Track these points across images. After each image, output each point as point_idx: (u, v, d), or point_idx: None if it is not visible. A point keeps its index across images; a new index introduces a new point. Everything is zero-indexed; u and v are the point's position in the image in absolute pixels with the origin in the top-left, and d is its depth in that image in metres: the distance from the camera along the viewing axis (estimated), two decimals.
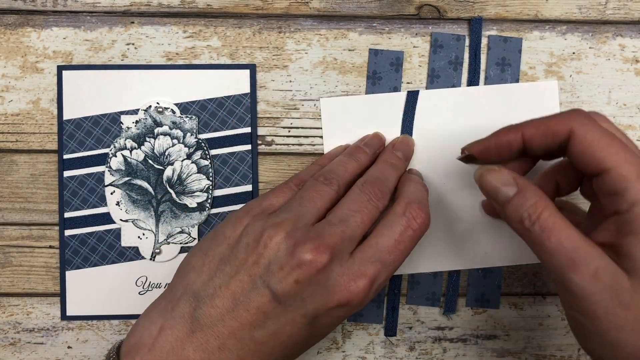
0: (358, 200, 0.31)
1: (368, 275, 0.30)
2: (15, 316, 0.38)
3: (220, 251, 0.31)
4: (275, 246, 0.29)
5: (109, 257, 0.37)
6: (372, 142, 0.36)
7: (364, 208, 0.31)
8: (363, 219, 0.31)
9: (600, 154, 0.28)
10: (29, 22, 0.37)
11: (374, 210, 0.31)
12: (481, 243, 0.38)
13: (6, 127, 0.37)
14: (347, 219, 0.30)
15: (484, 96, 0.37)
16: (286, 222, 0.30)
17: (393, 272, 0.31)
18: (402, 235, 0.31)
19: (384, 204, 0.32)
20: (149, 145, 0.37)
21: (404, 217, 0.31)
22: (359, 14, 0.38)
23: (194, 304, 0.30)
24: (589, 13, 0.38)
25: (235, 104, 0.37)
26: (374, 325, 0.38)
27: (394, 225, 0.31)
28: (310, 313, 0.29)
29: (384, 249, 0.30)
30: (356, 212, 0.31)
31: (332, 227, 0.30)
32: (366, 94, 0.38)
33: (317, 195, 0.32)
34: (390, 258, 0.30)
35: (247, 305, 0.29)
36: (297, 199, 0.32)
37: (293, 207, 0.31)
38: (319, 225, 0.30)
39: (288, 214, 0.30)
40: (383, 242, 0.31)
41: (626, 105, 0.38)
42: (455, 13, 0.37)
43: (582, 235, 0.27)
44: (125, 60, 0.37)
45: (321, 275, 0.29)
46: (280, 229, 0.30)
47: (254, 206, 0.32)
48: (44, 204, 0.38)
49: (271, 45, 0.37)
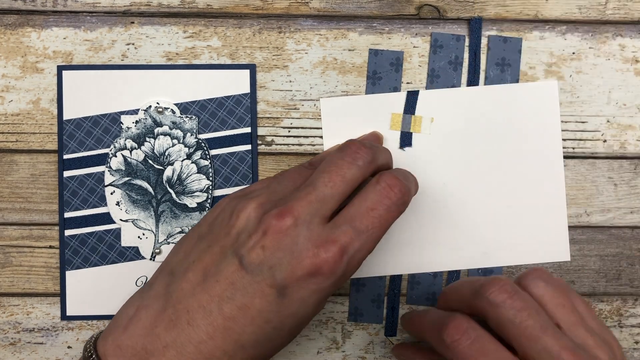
0: (330, 160, 0.30)
1: (338, 242, 0.28)
2: (15, 316, 0.38)
3: (198, 231, 0.31)
4: (245, 217, 0.29)
5: (109, 257, 0.37)
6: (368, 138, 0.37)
7: (333, 166, 0.29)
8: (331, 177, 0.29)
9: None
10: (29, 22, 0.37)
11: (346, 166, 0.29)
12: (481, 243, 0.38)
13: (6, 127, 0.37)
14: (314, 181, 0.29)
15: (483, 96, 0.37)
16: (259, 197, 0.30)
17: (370, 245, 0.29)
18: (376, 203, 0.29)
19: (364, 160, 0.30)
20: (149, 145, 0.37)
21: (378, 185, 0.29)
22: (359, 14, 0.38)
23: (169, 280, 0.29)
24: (589, 13, 0.38)
25: (235, 104, 0.37)
26: (374, 325, 0.38)
27: (367, 192, 0.29)
28: (279, 282, 0.28)
29: (355, 215, 0.29)
30: (325, 172, 0.29)
31: (300, 192, 0.29)
32: (366, 94, 0.38)
33: (298, 175, 0.31)
34: (363, 225, 0.28)
35: (217, 276, 0.28)
36: (278, 178, 0.32)
37: (271, 185, 0.31)
38: (289, 194, 0.30)
39: (263, 191, 0.30)
40: (354, 209, 0.29)
41: (626, 105, 0.38)
42: (455, 13, 0.37)
43: None
44: (125, 60, 0.37)
45: (287, 239, 0.28)
46: (252, 202, 0.29)
47: (236, 192, 0.32)
48: (44, 204, 0.38)
49: (271, 45, 0.37)
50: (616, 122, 0.38)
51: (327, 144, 0.38)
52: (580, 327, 0.28)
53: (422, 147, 0.38)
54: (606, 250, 0.38)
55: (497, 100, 0.37)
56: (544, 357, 0.27)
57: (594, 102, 0.38)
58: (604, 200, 0.38)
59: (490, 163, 0.38)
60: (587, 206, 0.38)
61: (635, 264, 0.38)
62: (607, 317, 0.39)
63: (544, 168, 0.38)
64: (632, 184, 0.38)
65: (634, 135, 0.38)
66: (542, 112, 0.38)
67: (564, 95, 0.38)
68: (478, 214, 0.38)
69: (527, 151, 0.38)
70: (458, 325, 0.28)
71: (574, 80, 0.38)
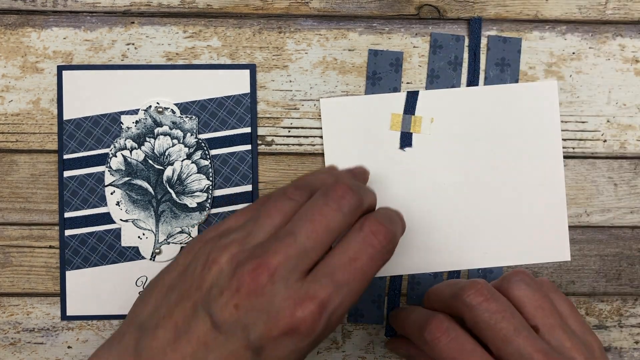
0: (313, 204, 0.27)
1: (317, 299, 0.25)
2: (15, 316, 0.38)
3: (170, 279, 0.29)
4: (217, 269, 0.26)
5: (109, 257, 0.37)
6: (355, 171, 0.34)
7: (317, 214, 0.26)
8: (315, 227, 0.26)
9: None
10: (29, 22, 0.37)
11: (331, 214, 0.27)
12: (481, 243, 0.38)
13: (6, 127, 0.37)
14: (296, 230, 0.26)
15: (483, 96, 0.37)
16: (233, 243, 0.27)
17: (352, 299, 0.26)
18: (358, 253, 0.26)
19: (350, 207, 0.27)
20: (149, 145, 0.37)
21: (361, 232, 0.27)
22: (359, 14, 0.38)
23: (138, 335, 0.27)
24: (589, 13, 0.38)
25: (235, 104, 0.37)
26: (374, 325, 0.38)
27: (349, 241, 0.27)
28: (254, 343, 0.25)
29: (336, 266, 0.26)
30: (308, 220, 0.26)
31: (278, 242, 0.26)
32: (366, 94, 0.38)
33: (276, 210, 0.28)
34: (344, 278, 0.26)
35: (188, 335, 0.26)
36: (254, 218, 0.28)
37: (247, 226, 0.28)
38: (266, 241, 0.27)
39: (237, 234, 0.27)
40: (335, 259, 0.26)
41: (626, 105, 0.38)
42: (455, 13, 0.37)
43: None
44: (125, 60, 0.37)
45: (262, 298, 0.25)
46: (225, 251, 0.27)
47: (210, 231, 0.29)
48: (44, 204, 0.38)
49: (271, 45, 0.37)
50: (616, 122, 0.38)
51: (327, 144, 0.38)
52: (558, 329, 0.29)
53: (422, 148, 0.38)
54: (606, 250, 0.38)
55: (497, 100, 0.37)
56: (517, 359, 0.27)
57: (594, 102, 0.38)
58: (604, 200, 0.38)
59: (490, 163, 0.38)
60: (587, 206, 0.38)
61: (635, 264, 0.38)
62: (607, 317, 0.39)
63: (544, 168, 0.38)
64: (632, 184, 0.38)
65: (634, 135, 0.38)
66: (541, 112, 0.38)
67: (564, 95, 0.38)
68: (478, 214, 0.38)
69: (527, 151, 0.38)
70: (439, 324, 0.29)
71: (574, 80, 0.38)
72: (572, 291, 0.38)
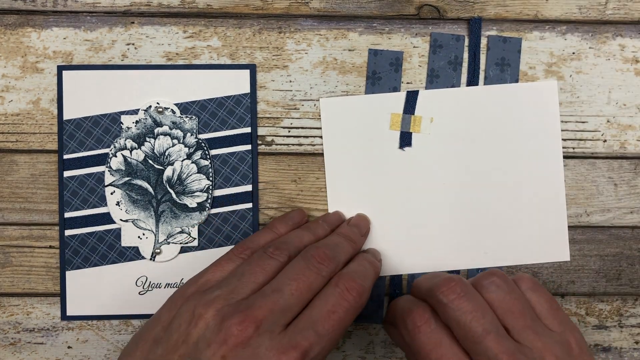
0: (296, 267, 0.31)
1: (300, 347, 0.28)
2: (15, 316, 0.38)
3: (154, 334, 0.30)
4: (203, 324, 0.28)
5: (109, 257, 0.37)
6: (331, 219, 0.36)
7: (301, 275, 0.30)
8: (299, 286, 0.29)
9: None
10: (29, 22, 0.37)
11: (313, 277, 0.30)
12: (481, 243, 0.38)
13: (6, 127, 0.37)
14: (281, 287, 0.29)
15: (483, 96, 0.37)
16: (217, 299, 0.29)
17: (331, 346, 0.29)
18: (335, 306, 0.29)
19: (328, 269, 0.31)
20: (149, 145, 0.37)
21: (337, 288, 0.30)
22: (359, 14, 0.38)
23: None
24: (589, 13, 0.38)
25: (235, 104, 0.37)
26: (374, 325, 0.38)
27: (327, 295, 0.30)
28: None
29: (317, 318, 0.29)
30: (292, 279, 0.30)
31: (264, 298, 0.29)
32: (366, 94, 0.38)
33: (260, 269, 0.31)
34: (324, 329, 0.29)
35: None
36: (238, 275, 0.31)
37: (230, 282, 0.30)
38: (251, 297, 0.29)
39: (221, 290, 0.30)
40: (316, 312, 0.29)
41: (626, 105, 0.38)
42: (455, 13, 0.37)
43: None
44: (125, 61, 0.37)
45: (248, 349, 0.27)
46: (210, 307, 0.29)
47: (190, 285, 0.31)
48: (44, 204, 0.38)
49: (271, 45, 0.37)
50: (616, 122, 0.38)
51: (327, 144, 0.38)
52: (528, 330, 0.29)
53: (421, 147, 0.38)
54: (606, 250, 0.38)
55: (497, 100, 0.37)
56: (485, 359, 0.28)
57: (594, 102, 0.38)
58: (604, 200, 0.38)
59: (490, 163, 0.38)
60: (587, 206, 0.38)
61: (635, 264, 0.38)
62: (607, 317, 0.39)
63: (544, 168, 0.38)
64: (632, 184, 0.38)
65: (634, 135, 0.38)
66: (541, 112, 0.38)
67: (564, 95, 0.38)
68: (478, 214, 0.38)
69: (526, 151, 0.38)
70: (421, 313, 0.30)
71: (574, 80, 0.38)
72: (572, 291, 0.38)
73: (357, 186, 0.38)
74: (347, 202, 0.38)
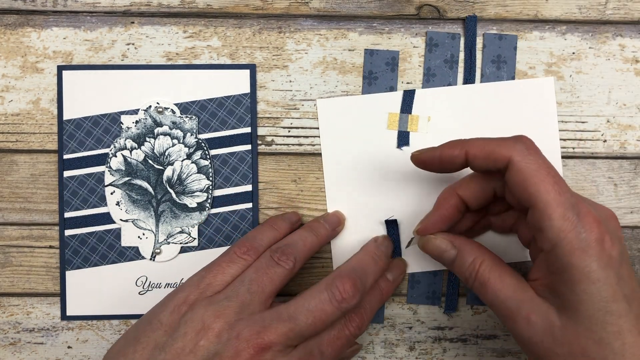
0: (318, 298, 0.30)
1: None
2: (15, 316, 0.38)
3: (155, 338, 0.29)
4: (215, 338, 0.28)
5: (109, 257, 0.37)
6: (331, 219, 0.36)
7: (320, 309, 0.30)
8: (315, 321, 0.30)
9: (531, 189, 0.28)
10: (29, 22, 0.37)
11: (331, 310, 0.30)
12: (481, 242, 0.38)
13: (6, 127, 0.38)
14: (299, 316, 0.30)
15: (480, 94, 0.37)
16: (228, 310, 0.29)
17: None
18: (340, 332, 0.32)
19: (350, 306, 0.31)
20: (149, 145, 0.37)
21: (343, 318, 0.32)
22: (359, 14, 0.38)
23: None
24: (589, 13, 0.38)
25: (235, 104, 0.37)
26: (374, 325, 0.38)
27: (335, 324, 0.32)
28: None
29: (324, 342, 0.31)
30: (311, 312, 0.30)
31: (280, 323, 0.29)
32: (363, 94, 0.38)
33: (268, 279, 0.31)
34: (328, 351, 0.31)
35: None
36: (245, 283, 0.31)
37: (239, 292, 0.30)
38: (266, 315, 0.29)
39: (231, 302, 0.30)
40: (324, 335, 0.31)
41: (626, 105, 0.38)
42: (455, 13, 0.37)
43: (515, 282, 0.29)
44: (125, 60, 0.37)
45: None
46: (220, 318, 0.29)
47: (192, 287, 0.31)
48: (44, 204, 0.38)
49: (271, 45, 0.37)
50: (616, 122, 0.38)
51: (325, 144, 0.38)
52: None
53: (419, 146, 0.37)
54: None
55: (494, 97, 0.37)
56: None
57: (594, 102, 0.38)
58: (604, 200, 0.38)
59: None
60: None
61: (635, 264, 0.38)
62: None
63: None
64: (632, 184, 0.38)
65: (634, 135, 0.38)
66: (539, 109, 0.38)
67: (564, 95, 0.38)
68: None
69: None
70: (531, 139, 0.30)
71: (574, 80, 0.38)
72: None
73: (356, 186, 0.38)
74: (346, 202, 0.38)
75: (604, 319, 0.26)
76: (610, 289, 0.26)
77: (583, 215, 0.27)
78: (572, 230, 0.27)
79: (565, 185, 0.28)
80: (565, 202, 0.27)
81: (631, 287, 0.27)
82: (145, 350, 0.29)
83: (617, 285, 0.26)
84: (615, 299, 0.26)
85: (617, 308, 0.26)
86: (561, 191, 0.27)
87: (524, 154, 0.29)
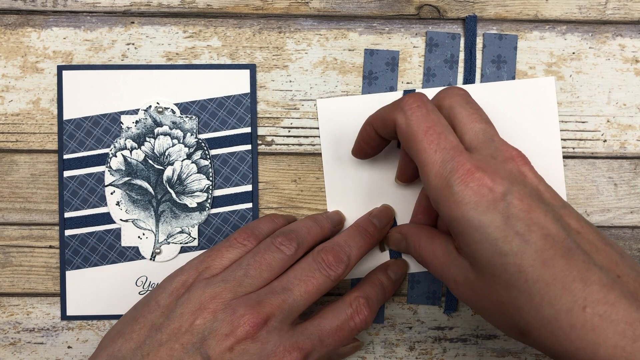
0: (307, 268, 0.31)
1: (304, 349, 0.30)
2: (15, 316, 0.38)
3: (152, 318, 0.30)
4: (210, 316, 0.29)
5: (109, 257, 0.37)
6: (333, 217, 0.36)
7: (311, 277, 0.31)
8: (308, 288, 0.30)
9: (412, 150, 0.29)
10: (29, 22, 0.37)
11: (322, 279, 0.31)
12: None
13: (6, 127, 0.38)
14: (291, 287, 0.30)
15: (480, 94, 0.37)
16: (224, 291, 0.29)
17: (327, 355, 0.32)
18: (344, 324, 0.32)
19: (337, 274, 0.31)
20: (149, 145, 0.37)
21: (350, 308, 0.32)
22: (359, 14, 0.38)
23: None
24: (589, 13, 0.38)
25: (235, 104, 0.37)
26: (374, 325, 0.38)
27: (339, 312, 0.32)
28: None
29: (325, 330, 0.31)
30: (302, 281, 0.31)
31: (274, 295, 0.30)
32: (362, 94, 0.38)
33: (266, 263, 0.31)
34: (329, 341, 0.31)
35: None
36: (243, 266, 0.31)
37: (236, 275, 0.30)
38: (261, 292, 0.30)
39: (228, 284, 0.30)
40: (326, 324, 0.31)
41: (626, 105, 0.38)
42: (455, 13, 0.37)
43: (443, 249, 0.31)
44: (125, 60, 0.37)
45: (256, 344, 0.28)
46: (216, 298, 0.29)
47: (190, 270, 0.31)
48: (44, 204, 0.38)
49: (271, 45, 0.37)
50: (616, 122, 0.38)
51: (325, 145, 0.38)
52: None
53: None
54: None
55: (494, 97, 0.37)
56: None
57: (594, 102, 0.38)
58: (604, 200, 0.38)
59: None
60: (587, 206, 0.38)
61: None
62: None
63: (543, 166, 0.37)
64: (632, 184, 0.38)
65: (634, 135, 0.38)
66: (539, 109, 0.38)
67: (564, 95, 0.38)
68: None
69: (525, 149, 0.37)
70: (418, 96, 0.30)
71: (574, 80, 0.38)
72: None
73: (356, 186, 0.38)
74: (346, 202, 0.38)
75: (502, 261, 0.26)
76: (497, 231, 0.26)
77: (457, 168, 0.27)
78: (445, 186, 0.27)
79: (444, 140, 0.28)
80: (438, 159, 0.27)
81: (525, 221, 0.26)
82: (142, 331, 0.29)
83: (504, 225, 0.26)
84: (505, 239, 0.26)
85: (510, 247, 0.26)
86: (438, 148, 0.28)
87: (405, 115, 0.29)
